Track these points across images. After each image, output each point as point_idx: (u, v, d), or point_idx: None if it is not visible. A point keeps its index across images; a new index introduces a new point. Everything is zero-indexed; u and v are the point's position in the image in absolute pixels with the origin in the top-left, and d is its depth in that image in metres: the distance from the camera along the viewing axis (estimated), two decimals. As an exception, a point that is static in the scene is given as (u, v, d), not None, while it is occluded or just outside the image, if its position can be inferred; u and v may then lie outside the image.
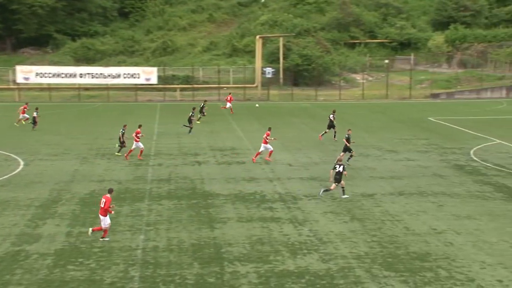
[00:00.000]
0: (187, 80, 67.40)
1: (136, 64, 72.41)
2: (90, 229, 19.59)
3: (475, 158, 32.05)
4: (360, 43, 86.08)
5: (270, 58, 71.08)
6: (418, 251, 18.46)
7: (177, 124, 44.35)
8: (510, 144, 35.92)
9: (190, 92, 64.08)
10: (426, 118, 48.05)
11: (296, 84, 66.73)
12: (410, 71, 67.96)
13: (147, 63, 75.66)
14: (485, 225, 20.86)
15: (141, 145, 31.37)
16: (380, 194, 24.96)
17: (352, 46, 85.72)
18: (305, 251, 18.48)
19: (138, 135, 31.28)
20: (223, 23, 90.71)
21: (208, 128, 42.96)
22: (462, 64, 75.15)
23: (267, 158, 31.10)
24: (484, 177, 27.80)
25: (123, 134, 32.29)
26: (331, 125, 37.91)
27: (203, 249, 18.64)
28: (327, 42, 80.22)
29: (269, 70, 64.38)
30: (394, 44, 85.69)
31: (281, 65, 68.49)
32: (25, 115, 43.43)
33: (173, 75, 68.33)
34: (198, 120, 44.64)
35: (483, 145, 35.90)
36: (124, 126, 32.81)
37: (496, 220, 21.33)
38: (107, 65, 68.25)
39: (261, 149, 31.11)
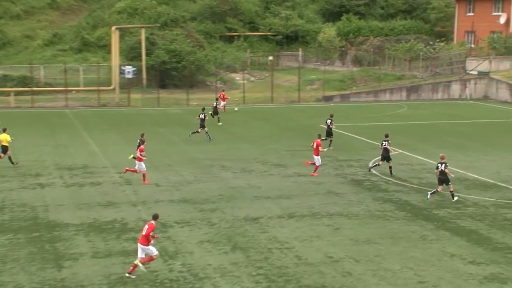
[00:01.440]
0: (24, 81, 65.04)
1: (-45, 61, 68.82)
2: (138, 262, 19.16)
3: (374, 172, 33.52)
4: (239, 37, 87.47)
5: (130, 55, 70.43)
6: (312, 284, 18.96)
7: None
8: (412, 154, 37.99)
9: (29, 97, 61.85)
10: (318, 125, 49.66)
11: (163, 86, 66.52)
12: (298, 70, 69.93)
13: (-31, 59, 72.15)
14: (386, 250, 21.85)
15: (143, 166, 30.44)
16: (266, 217, 25.40)
17: (230, 40, 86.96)
18: (178, 291, 18.41)
19: (141, 153, 30.31)
20: (69, 10, 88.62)
21: (54, 141, 41.69)
22: (357, 61, 78.48)
23: (313, 173, 32.63)
24: (385, 194, 29.16)
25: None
26: (329, 132, 39.44)
27: (48, 296, 18.00)
28: (200, 35, 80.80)
29: (129, 69, 63.66)
30: (279, 37, 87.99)
31: (143, 62, 68.02)
32: None
33: (5, 75, 65.71)
34: (219, 122, 48.37)
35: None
36: (142, 135, 31.88)
37: (398, 244, 22.42)
38: None
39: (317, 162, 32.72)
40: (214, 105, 49.93)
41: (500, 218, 25.38)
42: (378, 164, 32.89)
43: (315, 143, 32.69)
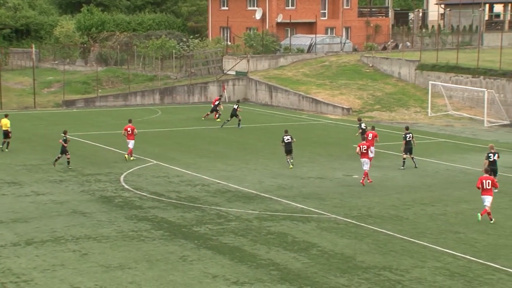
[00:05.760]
0: None
1: None
2: (479, 214, 27.41)
3: (126, 186, 33.63)
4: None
5: None
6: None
7: None
8: (168, 165, 38.64)
9: None
10: (59, 133, 48.74)
11: None
12: (33, 70, 68.11)
13: None
14: (142, 275, 21.99)
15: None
16: (-2, 246, 24.50)
17: None
18: None
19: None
20: None
21: None
22: (103, 60, 78.19)
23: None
24: (139, 211, 29.34)
25: None
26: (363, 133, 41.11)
27: None
28: None
29: None
30: (7, 31, 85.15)
31: None
32: None
33: None
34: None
35: (136, 167, 37.85)
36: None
37: (155, 267, 22.66)
38: None
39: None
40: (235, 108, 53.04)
41: (264, 232, 26.66)
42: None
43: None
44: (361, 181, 34.45)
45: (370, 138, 38.02)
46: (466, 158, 41.14)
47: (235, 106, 52.95)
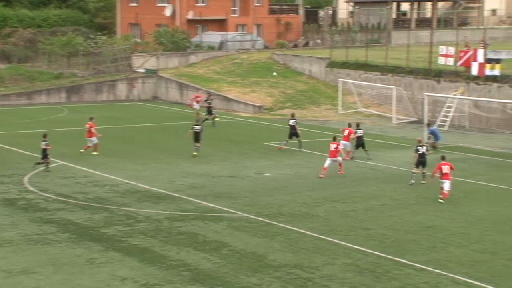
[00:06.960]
0: None
1: None
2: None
3: (31, 188, 32.90)
4: None
5: None
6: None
7: None
8: (75, 166, 37.96)
9: None
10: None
11: None
12: None
13: None
14: (47, 279, 21.56)
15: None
16: None
17: None
18: None
19: None
20: None
21: None
22: (5, 57, 76.38)
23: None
24: (44, 213, 28.75)
25: None
26: (294, 133, 41.89)
27: None
28: None
29: None
30: None
31: None
32: None
33: None
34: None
35: (38, 169, 37.04)
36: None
37: (61, 271, 22.24)
38: None
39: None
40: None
41: (174, 232, 26.47)
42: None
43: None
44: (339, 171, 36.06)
45: (346, 135, 39.25)
46: (375, 155, 41.73)
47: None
